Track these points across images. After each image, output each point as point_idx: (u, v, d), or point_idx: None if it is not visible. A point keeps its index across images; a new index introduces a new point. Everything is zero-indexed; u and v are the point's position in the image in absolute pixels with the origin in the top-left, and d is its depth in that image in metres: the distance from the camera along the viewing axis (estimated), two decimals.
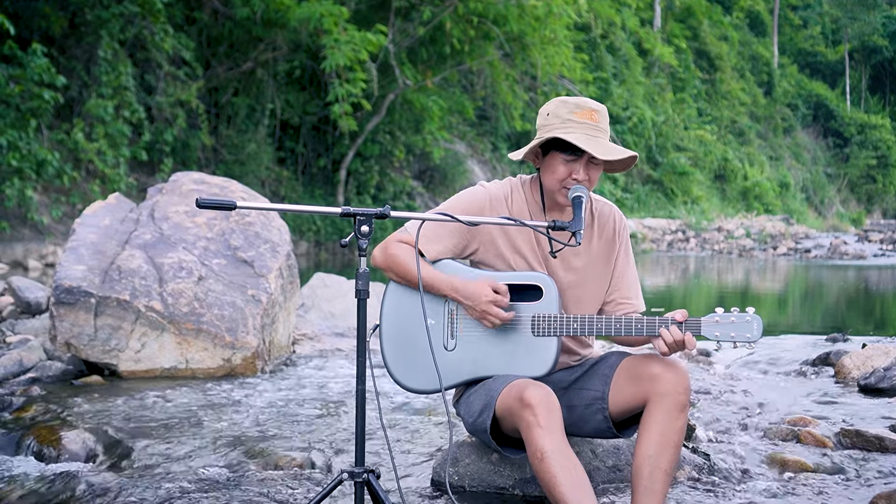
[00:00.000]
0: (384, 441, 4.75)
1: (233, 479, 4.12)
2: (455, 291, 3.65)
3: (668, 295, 16.18)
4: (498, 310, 3.58)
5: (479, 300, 3.59)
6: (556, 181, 3.63)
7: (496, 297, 3.58)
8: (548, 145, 3.66)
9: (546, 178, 3.69)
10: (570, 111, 3.60)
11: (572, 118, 3.58)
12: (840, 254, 30.85)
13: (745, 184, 49.57)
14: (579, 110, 3.60)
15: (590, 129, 3.58)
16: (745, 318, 3.45)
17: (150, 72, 22.85)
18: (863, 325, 11.45)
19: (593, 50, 41.56)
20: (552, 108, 3.65)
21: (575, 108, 3.60)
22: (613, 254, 3.91)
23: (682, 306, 3.57)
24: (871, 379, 5.92)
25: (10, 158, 17.51)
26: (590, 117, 3.60)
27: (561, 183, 3.63)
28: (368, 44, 23.51)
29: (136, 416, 5.12)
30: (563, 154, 3.60)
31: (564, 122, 3.58)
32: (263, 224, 7.15)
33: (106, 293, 6.20)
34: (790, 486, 4.11)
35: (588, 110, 3.61)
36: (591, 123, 3.59)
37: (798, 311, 14.40)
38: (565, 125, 3.57)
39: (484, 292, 3.58)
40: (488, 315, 3.60)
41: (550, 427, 3.37)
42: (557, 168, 3.62)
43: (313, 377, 6.41)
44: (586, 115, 3.60)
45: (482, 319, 3.62)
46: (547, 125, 3.63)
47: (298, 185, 27.63)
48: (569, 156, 3.59)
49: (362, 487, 3.19)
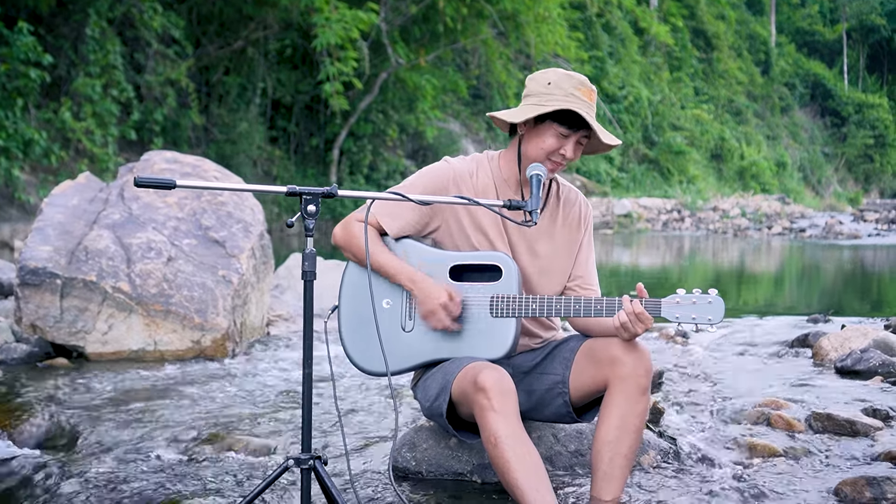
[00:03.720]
0: (350, 425, 4.67)
1: (185, 463, 4.03)
2: (412, 283, 3.58)
3: (663, 276, 16.10)
4: (445, 316, 3.51)
5: (431, 301, 3.52)
6: (542, 151, 3.53)
7: (448, 304, 3.51)
8: (544, 114, 3.55)
9: (531, 147, 3.57)
10: (574, 86, 3.50)
11: (576, 94, 3.49)
12: (835, 233, 30.75)
13: (741, 163, 49.45)
14: (583, 87, 3.51)
15: (589, 108, 3.50)
16: (707, 299, 3.34)
17: (140, 50, 22.70)
18: (853, 306, 11.38)
19: (589, 28, 41.42)
20: (555, 79, 3.53)
21: (579, 85, 3.51)
22: (578, 240, 3.82)
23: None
24: (847, 361, 5.83)
25: None
26: (589, 96, 3.52)
27: (547, 155, 3.53)
28: (360, 22, 23.38)
29: (97, 399, 5.03)
30: (561, 127, 3.50)
31: (568, 95, 3.48)
32: (236, 204, 7.05)
33: (72, 274, 6.10)
34: (756, 471, 4.02)
35: (588, 89, 3.53)
36: (589, 102, 3.52)
37: (784, 292, 14.32)
38: (569, 99, 3.47)
39: (439, 296, 3.51)
40: (434, 317, 3.53)
41: (505, 411, 3.28)
42: (548, 139, 3.52)
43: (285, 359, 6.32)
44: (587, 93, 3.51)
45: (427, 318, 3.55)
46: (548, 94, 3.50)
47: (291, 165, 27.52)
48: (566, 129, 3.50)
49: (309, 474, 3.10)
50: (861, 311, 10.05)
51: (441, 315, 3.51)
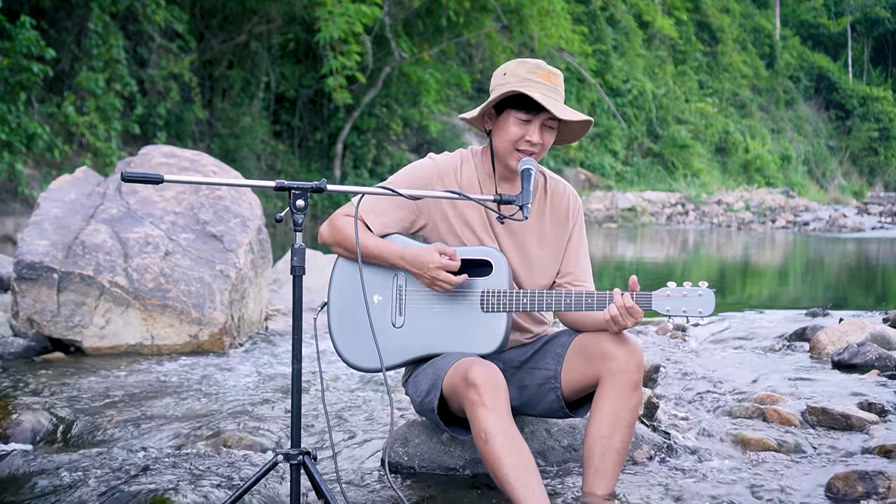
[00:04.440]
0: (343, 422, 4.67)
1: (179, 457, 4.03)
2: (403, 260, 3.55)
3: (667, 269, 16.09)
4: (447, 275, 3.47)
5: (426, 267, 3.49)
6: (508, 142, 3.52)
7: (445, 262, 3.47)
8: (502, 104, 3.55)
9: (498, 140, 3.58)
10: (528, 71, 3.50)
11: (530, 77, 3.48)
12: (839, 227, 30.70)
13: (746, 157, 49.32)
14: (539, 70, 3.51)
15: (547, 90, 3.48)
16: (698, 292, 3.34)
17: (143, 44, 22.70)
18: (856, 300, 11.35)
19: (593, 22, 41.30)
20: (510, 69, 3.55)
21: (534, 69, 3.51)
22: (566, 233, 3.80)
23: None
24: (844, 355, 5.82)
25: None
26: (547, 78, 3.50)
27: (514, 144, 3.52)
28: (363, 16, 23.37)
29: (92, 395, 5.02)
30: (519, 112, 3.49)
31: (522, 80, 3.48)
32: (234, 198, 7.04)
33: (69, 268, 6.10)
34: (749, 466, 4.01)
35: (546, 72, 3.52)
36: (549, 84, 3.49)
37: (787, 286, 14.29)
38: (523, 83, 3.47)
39: (432, 258, 3.48)
40: (438, 281, 3.49)
41: (495, 407, 3.27)
42: (510, 128, 3.51)
43: (282, 355, 6.31)
44: (544, 76, 3.50)
45: (432, 286, 3.51)
46: (504, 84, 3.51)
47: (295, 159, 27.52)
48: (524, 114, 3.49)
49: (298, 469, 3.10)
50: (865, 305, 10.03)
51: (443, 276, 3.47)
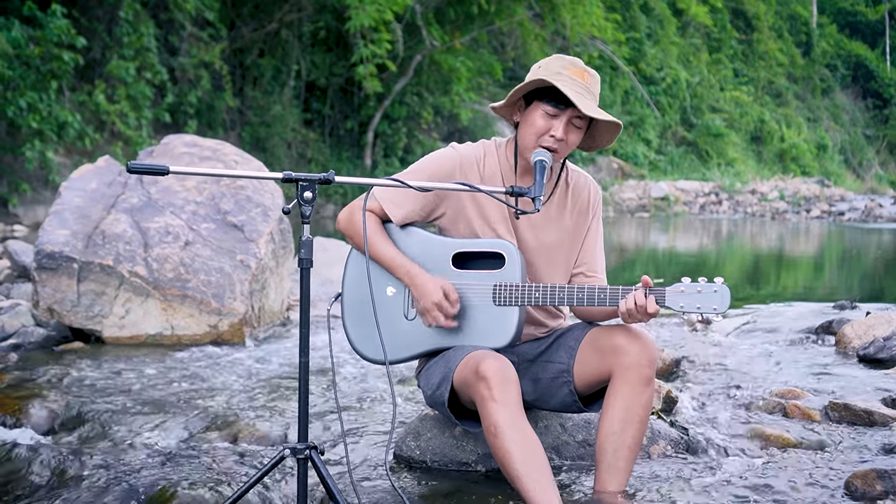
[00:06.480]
0: (354, 415, 4.64)
1: (192, 449, 4.02)
2: (409, 278, 3.54)
3: (700, 260, 15.95)
4: (439, 315, 3.48)
5: (427, 299, 3.48)
6: (533, 135, 3.47)
7: (443, 303, 3.46)
8: (532, 96, 3.49)
9: (523, 132, 3.52)
10: (563, 66, 3.45)
11: (564, 72, 3.42)
12: (874, 217, 30.39)
13: (781, 146, 48.88)
14: (573, 67, 3.45)
15: (580, 87, 3.41)
16: (713, 288, 3.27)
17: (173, 33, 22.77)
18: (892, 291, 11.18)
19: (627, 10, 41.05)
20: (546, 63, 3.50)
21: (569, 65, 3.46)
22: (585, 226, 3.75)
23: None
24: (870, 349, 5.72)
25: (31, 120, 17.52)
26: (581, 76, 3.44)
27: (537, 138, 3.46)
28: (394, 4, 23.33)
29: (109, 385, 5.02)
30: (547, 105, 3.44)
31: (555, 74, 3.42)
32: (255, 188, 7.01)
33: (89, 258, 6.10)
34: (768, 462, 3.94)
35: (581, 70, 3.46)
36: (581, 82, 3.43)
37: (818, 278, 14.11)
38: (554, 77, 3.41)
39: (434, 295, 3.46)
40: (429, 315, 3.50)
41: (505, 400, 3.23)
42: (537, 121, 3.46)
43: None
44: (578, 73, 3.44)
45: (422, 315, 3.53)
46: (536, 76, 3.46)
47: (325, 148, 27.52)
48: (552, 108, 3.43)
49: (305, 464, 3.07)
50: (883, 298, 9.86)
51: (435, 314, 3.48)
